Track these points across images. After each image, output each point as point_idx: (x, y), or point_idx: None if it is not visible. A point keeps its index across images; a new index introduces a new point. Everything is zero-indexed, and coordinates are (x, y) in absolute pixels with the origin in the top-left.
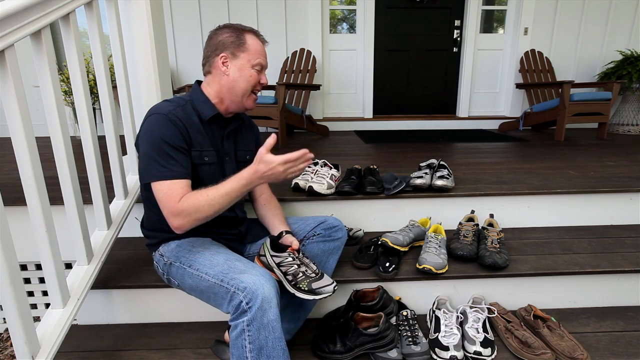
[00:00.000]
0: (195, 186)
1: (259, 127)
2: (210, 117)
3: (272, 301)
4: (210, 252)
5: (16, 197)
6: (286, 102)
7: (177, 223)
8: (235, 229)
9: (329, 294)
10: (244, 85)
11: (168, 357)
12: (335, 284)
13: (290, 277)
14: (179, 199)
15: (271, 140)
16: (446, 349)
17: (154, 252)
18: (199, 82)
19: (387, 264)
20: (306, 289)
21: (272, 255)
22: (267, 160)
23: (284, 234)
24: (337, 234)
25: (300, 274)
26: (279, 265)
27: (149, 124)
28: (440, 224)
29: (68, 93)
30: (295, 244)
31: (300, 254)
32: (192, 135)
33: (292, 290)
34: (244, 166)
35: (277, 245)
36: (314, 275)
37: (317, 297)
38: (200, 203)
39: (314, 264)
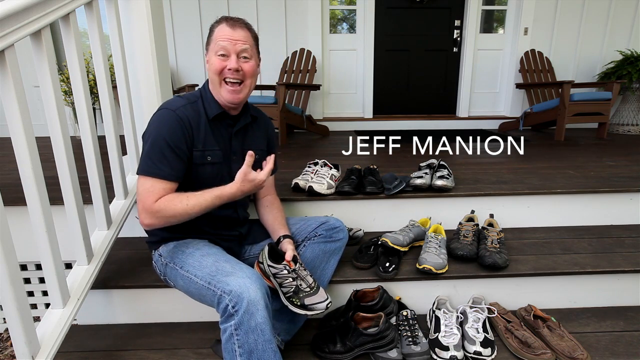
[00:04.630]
0: (197, 186)
1: None
2: (215, 116)
3: (259, 304)
4: (201, 253)
5: (16, 197)
6: (286, 102)
7: (148, 221)
8: (235, 230)
9: (321, 311)
10: (212, 76)
11: (168, 357)
12: (329, 300)
13: (285, 290)
14: (157, 198)
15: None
16: (446, 349)
17: (153, 251)
18: None
19: (387, 264)
20: (298, 303)
21: (269, 265)
22: (250, 178)
23: (282, 239)
24: (338, 235)
25: (294, 288)
26: (275, 275)
27: (156, 119)
28: (440, 224)
29: (68, 93)
30: (289, 255)
31: (298, 265)
32: (197, 136)
33: (286, 303)
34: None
35: (277, 252)
36: (308, 289)
37: (308, 313)
38: (177, 209)
39: (310, 276)
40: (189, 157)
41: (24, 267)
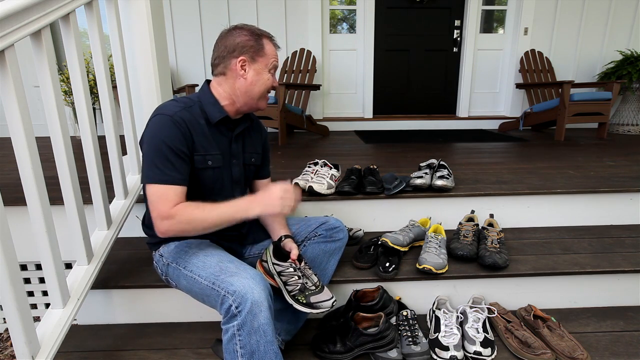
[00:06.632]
0: (197, 190)
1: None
2: (218, 120)
3: (262, 305)
4: (205, 253)
5: (16, 197)
6: (286, 102)
7: (164, 227)
8: (236, 230)
9: (327, 309)
10: (261, 89)
11: (168, 357)
12: (334, 298)
13: (290, 288)
14: (173, 204)
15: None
16: (446, 349)
17: (154, 252)
18: (208, 82)
19: (387, 264)
20: (304, 301)
21: (274, 264)
22: (268, 188)
23: (283, 238)
24: (338, 234)
25: (300, 286)
26: (279, 274)
27: (153, 125)
28: (440, 224)
29: (68, 93)
30: (295, 253)
31: (302, 264)
32: (197, 139)
33: (290, 301)
34: (249, 169)
35: (280, 252)
36: (313, 288)
37: (314, 311)
38: (195, 216)
39: (315, 275)
40: (190, 158)
41: (24, 267)
